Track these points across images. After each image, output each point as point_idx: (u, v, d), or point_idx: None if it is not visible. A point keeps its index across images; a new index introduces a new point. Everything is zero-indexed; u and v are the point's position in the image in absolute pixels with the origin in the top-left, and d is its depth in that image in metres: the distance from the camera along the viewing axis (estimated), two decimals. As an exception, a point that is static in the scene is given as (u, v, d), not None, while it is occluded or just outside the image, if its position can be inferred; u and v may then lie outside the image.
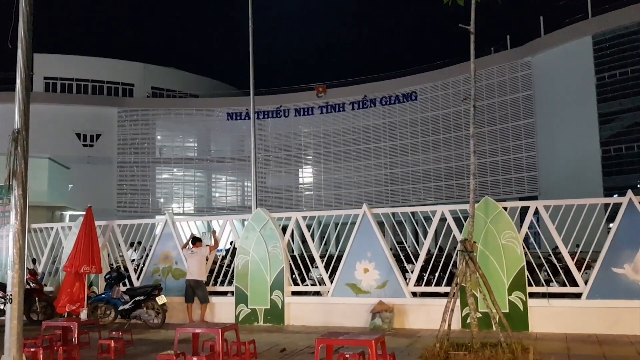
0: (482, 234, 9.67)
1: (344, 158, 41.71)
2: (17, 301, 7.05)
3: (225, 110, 43.97)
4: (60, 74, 43.96)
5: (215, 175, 46.45)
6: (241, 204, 44.35)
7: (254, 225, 11.62)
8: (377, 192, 40.08)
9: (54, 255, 13.71)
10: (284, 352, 8.45)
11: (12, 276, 7.08)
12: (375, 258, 10.63)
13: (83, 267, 11.10)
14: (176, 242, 12.42)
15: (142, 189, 43.74)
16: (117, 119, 43.32)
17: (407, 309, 10.29)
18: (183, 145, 46.01)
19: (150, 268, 12.56)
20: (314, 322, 10.81)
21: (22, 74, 7.23)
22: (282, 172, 43.64)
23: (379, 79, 41.06)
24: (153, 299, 11.42)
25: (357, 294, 10.65)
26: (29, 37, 7.35)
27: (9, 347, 6.94)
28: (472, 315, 7.09)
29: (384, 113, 40.49)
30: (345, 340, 6.62)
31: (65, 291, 11.07)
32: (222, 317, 11.56)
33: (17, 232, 7.08)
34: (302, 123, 42.88)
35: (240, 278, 11.47)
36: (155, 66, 48.87)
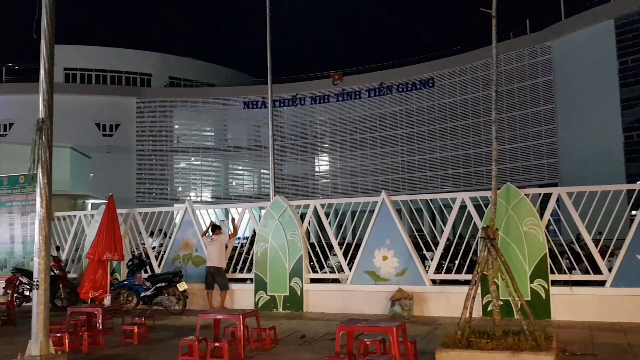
0: (503, 221, 9.59)
1: (360, 146, 41.56)
2: (43, 287, 7.18)
3: (241, 99, 44.03)
4: (79, 64, 44.33)
5: (232, 163, 46.65)
6: (258, 192, 44.52)
7: (272, 213, 11.67)
8: (393, 179, 39.93)
9: (77, 242, 13.92)
10: (304, 338, 8.50)
11: (38, 263, 7.21)
12: (394, 245, 10.61)
13: (105, 254, 11.23)
14: (196, 230, 12.53)
15: (160, 177, 44.11)
16: (136, 109, 43.64)
17: (426, 297, 10.28)
18: (200, 134, 46.23)
19: (171, 255, 12.70)
20: (332, 309, 10.86)
21: (46, 64, 7.30)
22: (298, 160, 43.66)
23: (396, 66, 40.72)
24: (174, 285, 11.57)
25: (376, 282, 10.66)
26: (52, 28, 7.42)
27: (36, 332, 7.08)
28: (494, 303, 7.05)
29: (401, 100, 40.21)
30: (366, 327, 6.64)
31: (89, 278, 11.23)
32: (241, 303, 11.66)
33: (43, 220, 7.20)
34: (318, 111, 42.76)
35: (259, 265, 11.55)
36: (173, 56, 49.05)
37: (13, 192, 14.10)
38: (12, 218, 14.15)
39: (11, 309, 10.97)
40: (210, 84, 48.45)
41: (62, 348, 7.80)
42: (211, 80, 49.22)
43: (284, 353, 7.59)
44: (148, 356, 7.66)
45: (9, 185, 14.16)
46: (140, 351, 8.02)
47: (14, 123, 41.03)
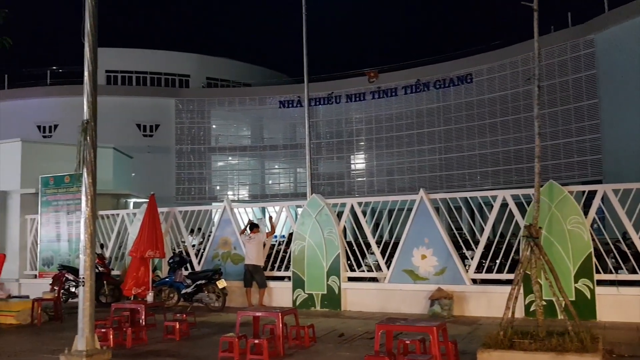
0: (546, 220, 9.37)
1: (397, 143, 41.20)
2: (89, 284, 7.39)
3: (277, 99, 44.24)
4: (120, 67, 45.37)
5: (268, 162, 46.94)
6: (294, 191, 44.68)
7: (309, 212, 11.71)
8: (431, 177, 39.45)
9: (120, 240, 14.25)
10: (343, 337, 8.50)
11: (84, 260, 7.42)
12: (433, 244, 10.51)
13: (147, 252, 11.49)
14: (234, 228, 12.67)
15: (198, 176, 44.71)
16: (175, 110, 44.35)
17: (467, 296, 10.14)
18: (237, 134, 46.68)
19: (210, 253, 12.88)
20: (370, 308, 10.83)
21: (90, 67, 7.51)
22: (333, 158, 43.60)
23: (433, 62, 40.20)
24: (214, 283, 11.73)
25: (414, 281, 10.57)
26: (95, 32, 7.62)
27: (82, 327, 7.28)
28: (537, 303, 6.89)
29: (438, 96, 39.67)
30: (406, 326, 6.59)
31: (132, 275, 11.51)
32: (279, 301, 11.75)
33: (88, 218, 7.40)
34: (354, 109, 42.60)
35: (297, 263, 11.60)
36: (210, 57, 49.68)
37: (59, 191, 14.56)
38: (58, 217, 14.62)
39: (58, 305, 11.32)
40: (246, 84, 48.86)
41: (106, 343, 8.00)
42: (248, 80, 49.63)
43: (323, 351, 7.60)
44: (190, 352, 7.79)
45: (55, 185, 14.62)
46: (182, 347, 8.17)
47: (58, 125, 42.28)
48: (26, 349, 8.34)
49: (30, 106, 42.33)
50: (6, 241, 15.17)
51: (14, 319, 10.56)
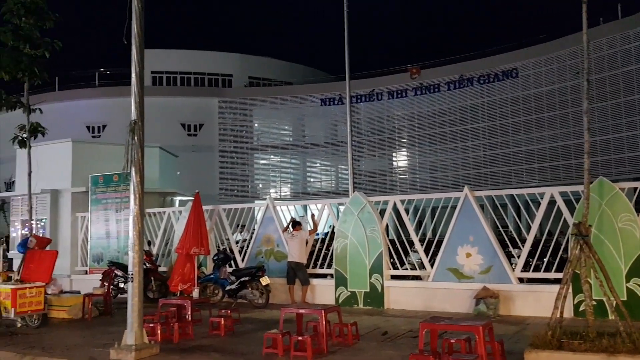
0: (596, 217, 9.08)
1: (440, 140, 40.66)
2: (137, 280, 7.61)
3: (318, 96, 44.34)
4: (165, 68, 46.41)
5: (309, 160, 47.10)
6: (335, 189, 44.69)
7: (351, 209, 11.69)
8: (475, 174, 38.76)
9: (167, 237, 14.57)
10: (386, 335, 8.46)
11: (132, 257, 7.64)
12: (478, 242, 10.34)
13: (193, 249, 11.70)
14: (277, 226, 12.78)
15: (241, 175, 45.28)
16: (218, 109, 45.04)
17: (513, 295, 9.94)
18: (279, 132, 47.02)
19: (254, 250, 13.04)
20: (414, 307, 10.74)
21: (137, 68, 7.71)
22: (375, 156, 43.38)
23: (476, 57, 39.47)
24: (257, 279, 11.87)
25: (459, 279, 10.43)
26: (142, 34, 7.81)
27: (131, 322, 7.50)
28: (587, 303, 6.70)
29: (482, 92, 38.94)
30: (451, 325, 6.51)
31: (178, 271, 11.74)
32: (322, 299, 11.78)
33: (136, 216, 7.61)
34: (396, 106, 42.27)
35: (339, 261, 11.61)
36: (252, 56, 50.22)
37: (108, 190, 15.01)
38: (107, 214, 15.07)
39: (108, 300, 11.67)
40: (288, 83, 49.15)
41: (154, 338, 8.20)
42: (289, 78, 49.93)
43: (367, 349, 7.59)
44: (235, 348, 7.90)
45: (104, 183, 15.08)
46: (227, 343, 8.29)
47: (106, 125, 43.57)
48: (78, 342, 8.63)
49: (80, 107, 43.75)
50: (58, 238, 15.71)
51: (66, 313, 10.93)
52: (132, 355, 7.21)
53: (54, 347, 8.28)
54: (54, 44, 12.72)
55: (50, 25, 12.68)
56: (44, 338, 9.03)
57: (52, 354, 7.84)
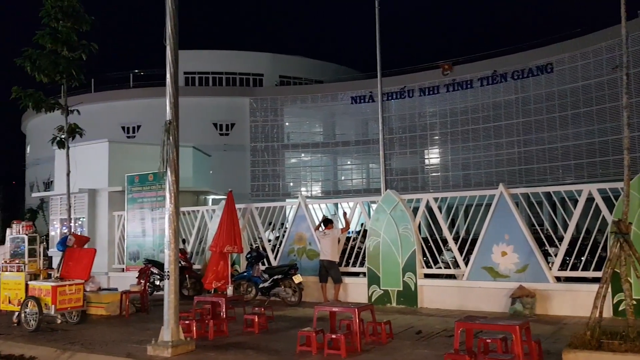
0: (636, 215, 8.83)
1: (473, 137, 40.10)
2: (173, 277, 7.72)
3: (349, 94, 44.25)
4: (198, 68, 47.02)
5: (340, 158, 47.06)
6: (366, 187, 44.56)
7: (384, 207, 11.63)
8: (509, 171, 38.11)
9: (201, 236, 14.75)
10: (420, 334, 8.41)
11: (168, 255, 7.76)
12: (513, 240, 10.17)
13: (226, 247, 11.83)
14: (309, 224, 12.81)
15: (272, 173, 45.54)
16: (249, 108, 45.41)
17: (550, 295, 9.75)
18: (309, 131, 47.12)
19: (286, 248, 13.10)
20: (448, 306, 10.64)
21: (172, 69, 7.82)
22: (407, 153, 43.05)
23: (510, 52, 38.78)
24: (290, 277, 11.92)
25: (494, 278, 10.28)
26: (176, 35, 7.92)
27: (167, 319, 7.62)
28: (627, 302, 6.53)
29: (516, 88, 38.24)
30: (487, 324, 6.43)
31: (212, 269, 11.88)
32: (355, 297, 11.77)
33: (172, 214, 7.73)
34: (427, 102, 41.86)
35: (371, 259, 11.57)
36: (283, 55, 50.46)
37: (143, 189, 15.29)
38: (143, 213, 15.35)
39: (144, 297, 11.89)
40: (318, 81, 49.19)
41: (190, 335, 8.31)
42: (320, 77, 49.98)
43: (400, 348, 7.55)
44: (269, 345, 7.96)
45: (140, 183, 15.36)
46: (261, 340, 8.36)
47: (141, 125, 44.39)
48: (116, 339, 8.82)
49: (115, 108, 44.66)
50: (96, 236, 16.06)
51: (104, 310, 11.18)
52: (169, 352, 7.33)
53: (93, 343, 8.48)
54: (91, 46, 13.01)
55: (86, 28, 12.98)
56: (83, 334, 9.25)
57: (92, 350, 8.03)
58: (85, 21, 12.89)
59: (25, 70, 12.61)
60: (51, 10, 12.54)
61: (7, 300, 10.55)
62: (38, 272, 10.75)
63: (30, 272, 10.59)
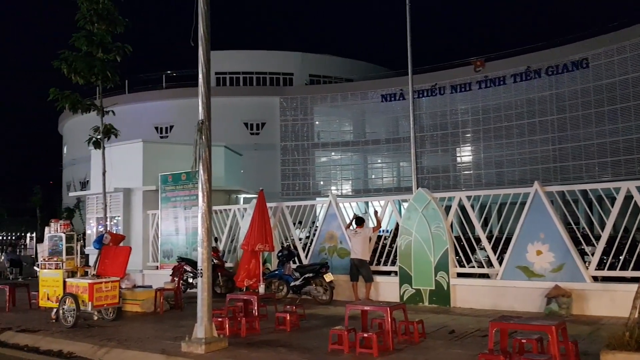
0: (678, 213, 8.57)
1: (506, 134, 39.48)
2: (206, 275, 7.80)
3: (379, 92, 44.06)
4: (228, 68, 47.48)
5: (370, 157, 46.92)
6: (397, 185, 44.31)
7: (415, 206, 11.54)
8: (544, 169, 37.40)
9: (232, 234, 14.88)
10: (453, 334, 8.31)
11: (201, 253, 7.84)
12: (549, 239, 9.97)
13: (258, 245, 11.90)
14: (340, 223, 12.79)
15: (302, 172, 45.69)
16: (279, 108, 45.64)
17: (587, 295, 9.52)
18: (339, 129, 47.09)
19: (317, 247, 13.11)
20: (482, 305, 10.50)
21: (204, 69, 7.90)
22: (438, 151, 42.66)
23: (544, 48, 38.04)
24: (321, 276, 11.93)
25: (529, 277, 10.10)
26: (208, 36, 8.00)
27: (201, 316, 7.71)
28: (669, 303, 6.33)
29: (551, 84, 37.50)
30: (522, 324, 6.31)
31: (243, 267, 11.98)
32: (386, 296, 11.71)
33: (205, 213, 7.81)
34: (459, 100, 41.38)
35: (403, 258, 11.49)
36: (312, 54, 50.56)
37: (176, 188, 15.50)
38: (176, 212, 15.56)
39: (178, 294, 12.06)
40: (348, 79, 49.13)
41: (223, 332, 8.39)
42: (349, 75, 49.92)
43: (433, 347, 7.48)
44: (301, 343, 7.98)
45: (173, 182, 15.58)
46: (292, 338, 8.38)
47: (173, 126, 45.06)
48: (151, 335, 8.96)
49: (148, 109, 45.43)
50: (131, 235, 16.34)
51: (139, 307, 11.37)
52: (202, 349, 7.41)
53: (129, 339, 8.64)
54: (125, 48, 13.26)
55: (121, 30, 13.24)
56: (119, 330, 9.43)
57: (127, 346, 8.18)
58: (120, 23, 13.15)
59: (62, 72, 12.92)
60: (87, 14, 12.83)
61: (46, 297, 10.83)
62: (75, 270, 10.97)
63: (68, 269, 10.82)
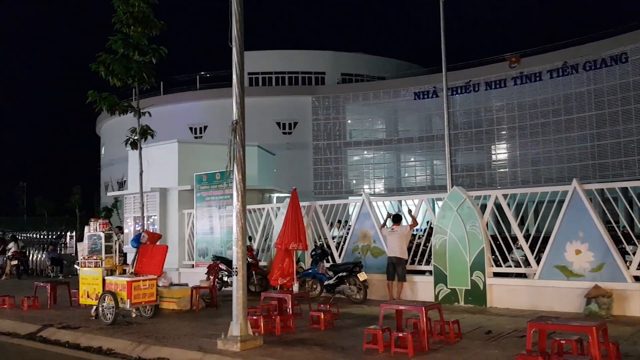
0: None
1: (542, 131, 38.66)
2: (241, 273, 7.87)
3: (411, 90, 43.71)
4: (261, 69, 47.81)
5: (403, 155, 46.58)
6: (430, 184, 43.88)
7: (450, 205, 11.41)
8: (582, 166, 36.49)
9: (266, 233, 14.98)
10: (490, 334, 8.19)
11: (236, 251, 7.91)
12: (588, 238, 9.73)
13: (291, 244, 11.95)
14: (373, 221, 12.74)
15: (335, 171, 45.68)
16: (311, 107, 45.73)
17: (628, 295, 9.27)
18: (372, 128, 46.90)
19: (350, 246, 13.09)
20: (518, 305, 10.33)
21: (238, 70, 7.97)
22: (472, 149, 42.07)
23: (581, 42, 37.10)
24: (355, 275, 11.90)
25: (568, 277, 9.87)
26: (242, 37, 8.07)
27: (236, 314, 7.78)
28: None
29: (588, 79, 36.56)
30: (561, 325, 6.19)
31: (277, 266, 12.04)
32: (420, 295, 11.62)
33: (239, 212, 7.88)
34: (494, 97, 40.72)
35: (438, 257, 11.38)
36: (344, 53, 50.50)
37: (211, 187, 15.68)
38: (210, 211, 15.74)
39: (213, 292, 12.20)
40: (380, 78, 48.89)
41: (258, 330, 8.44)
42: (382, 73, 49.68)
43: (470, 348, 7.38)
44: (335, 342, 7.97)
45: (208, 182, 15.76)
46: (327, 337, 8.39)
47: (207, 126, 45.64)
48: (187, 332, 9.10)
49: (182, 110, 46.10)
50: (167, 234, 16.61)
51: (176, 305, 11.54)
52: (238, 346, 7.47)
53: (166, 336, 8.78)
54: (160, 50, 13.47)
55: (156, 32, 13.45)
56: (157, 328, 9.60)
57: (165, 343, 8.32)
58: (155, 26, 13.35)
59: (100, 74, 13.20)
60: (123, 17, 13.07)
61: (86, 294, 11.09)
62: (114, 268, 11.19)
63: (107, 267, 11.04)
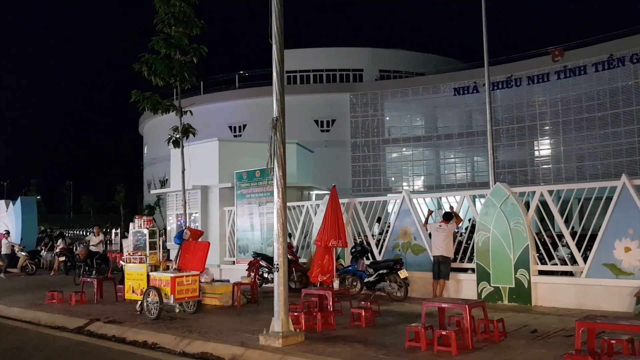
0: None
1: (587, 126, 37.56)
2: (282, 270, 7.90)
3: (451, 86, 43.12)
4: (299, 67, 48.00)
5: (443, 152, 46.00)
6: (471, 180, 43.21)
7: (493, 201, 11.19)
8: (629, 162, 35.28)
9: (305, 230, 15.03)
10: (535, 333, 8.01)
11: (277, 248, 7.95)
12: (638, 235, 9.39)
13: (331, 241, 11.94)
14: (414, 219, 12.62)
15: (373, 168, 45.51)
16: (349, 104, 45.65)
17: (682, 294, 8.90)
18: (410, 125, 46.50)
19: (390, 243, 12.99)
20: (565, 304, 10.06)
21: (278, 67, 8.00)
22: (514, 145, 41.21)
23: (628, 34, 35.84)
24: (395, 272, 11.80)
25: (617, 275, 9.56)
26: (281, 34, 8.09)
27: (278, 310, 7.82)
28: None
29: (636, 72, 35.31)
30: (611, 324, 6.00)
31: (317, 263, 12.06)
32: (463, 293, 11.44)
33: (280, 208, 7.91)
34: (537, 91, 39.77)
35: (481, 255, 11.18)
36: (382, 49, 50.22)
37: (251, 185, 15.82)
38: (251, 208, 15.89)
39: (254, 289, 12.31)
40: (419, 73, 48.39)
41: (299, 326, 8.47)
42: (420, 69, 49.17)
43: (515, 347, 7.23)
44: (376, 339, 7.94)
45: (248, 179, 15.91)
46: (368, 334, 8.35)
47: (246, 124, 46.11)
48: (229, 328, 9.20)
49: (222, 108, 46.73)
50: (208, 230, 16.87)
51: (218, 300, 11.69)
52: (280, 342, 7.52)
53: (209, 331, 8.91)
54: (201, 49, 13.65)
55: (197, 32, 13.63)
56: (199, 323, 9.75)
57: (208, 338, 8.44)
58: (195, 25, 13.53)
59: (143, 74, 13.46)
60: (164, 17, 13.30)
61: (131, 289, 11.35)
62: (158, 264, 11.42)
63: (151, 263, 11.28)
